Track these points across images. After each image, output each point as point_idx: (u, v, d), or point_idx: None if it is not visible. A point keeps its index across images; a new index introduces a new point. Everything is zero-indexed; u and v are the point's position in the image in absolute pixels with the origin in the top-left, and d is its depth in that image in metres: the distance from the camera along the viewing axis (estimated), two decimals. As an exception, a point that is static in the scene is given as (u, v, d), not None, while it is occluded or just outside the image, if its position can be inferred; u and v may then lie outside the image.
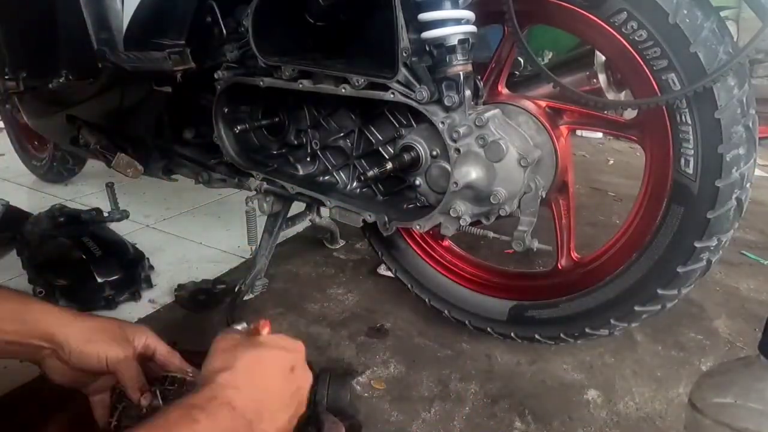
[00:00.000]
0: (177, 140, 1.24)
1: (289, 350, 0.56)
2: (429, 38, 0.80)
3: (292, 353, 0.56)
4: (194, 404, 0.46)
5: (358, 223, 1.00)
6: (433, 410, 0.93)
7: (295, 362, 0.56)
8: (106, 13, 1.03)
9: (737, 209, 0.82)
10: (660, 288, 0.87)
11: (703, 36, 0.75)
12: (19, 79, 1.31)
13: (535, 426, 0.90)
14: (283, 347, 0.56)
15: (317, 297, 1.29)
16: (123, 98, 1.14)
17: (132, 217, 1.52)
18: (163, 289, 1.31)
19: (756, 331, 1.17)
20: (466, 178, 0.84)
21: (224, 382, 0.49)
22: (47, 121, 1.43)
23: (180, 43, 1.02)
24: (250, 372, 0.51)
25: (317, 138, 1.08)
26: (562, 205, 1.00)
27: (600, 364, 1.06)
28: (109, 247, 1.28)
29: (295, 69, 0.96)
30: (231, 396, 0.48)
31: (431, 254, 1.15)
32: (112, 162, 1.19)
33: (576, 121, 0.97)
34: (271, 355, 0.54)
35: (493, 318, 1.06)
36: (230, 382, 0.49)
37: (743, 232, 1.73)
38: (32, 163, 2.14)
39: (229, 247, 1.56)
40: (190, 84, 1.07)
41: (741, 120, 0.77)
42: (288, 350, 0.56)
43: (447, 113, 0.84)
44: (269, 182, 1.11)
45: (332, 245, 1.57)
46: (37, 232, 1.32)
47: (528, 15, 0.90)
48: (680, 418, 0.90)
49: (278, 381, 0.53)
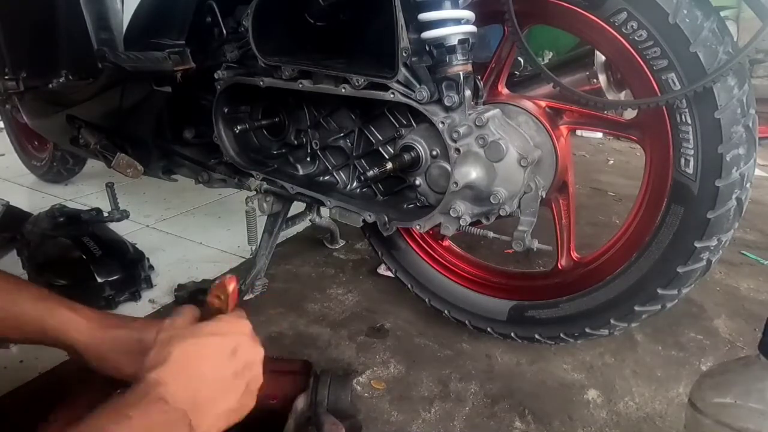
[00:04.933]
0: (177, 140, 1.24)
1: (227, 334, 0.57)
2: (429, 38, 0.80)
3: (230, 336, 0.57)
4: (126, 403, 0.47)
5: (358, 223, 1.00)
6: (433, 410, 0.93)
7: (237, 343, 0.56)
8: (106, 13, 1.03)
9: (737, 209, 0.82)
10: (660, 288, 0.88)
11: (703, 36, 0.75)
12: (19, 79, 1.31)
13: (535, 426, 0.90)
14: (221, 332, 0.56)
15: (317, 297, 1.29)
16: (123, 98, 1.14)
17: (132, 217, 1.52)
18: (163, 289, 1.31)
19: (756, 331, 1.17)
20: (466, 178, 0.84)
21: (156, 378, 0.50)
22: (47, 121, 1.43)
23: (180, 43, 1.02)
24: (183, 364, 0.52)
25: (317, 138, 1.08)
26: (562, 205, 1.00)
27: (600, 364, 1.06)
28: (109, 247, 1.28)
29: (295, 69, 0.96)
30: (162, 392, 0.49)
31: (431, 254, 1.15)
32: (112, 162, 1.19)
33: (576, 121, 0.97)
34: (207, 342, 0.55)
35: (493, 318, 1.06)
36: (161, 378, 0.50)
37: (743, 232, 1.73)
38: (32, 163, 2.14)
39: (229, 247, 1.56)
40: (190, 84, 1.07)
41: (741, 120, 0.77)
42: (226, 334, 0.56)
43: (447, 113, 0.84)
44: (269, 182, 1.11)
45: (332, 245, 1.57)
46: (37, 232, 1.32)
47: (528, 15, 0.90)
48: (680, 418, 0.90)
49: (215, 367, 0.54)
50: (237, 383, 0.55)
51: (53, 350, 0.87)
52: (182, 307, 0.62)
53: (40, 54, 1.24)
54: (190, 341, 0.54)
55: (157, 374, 0.50)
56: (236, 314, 0.61)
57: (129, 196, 1.89)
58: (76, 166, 2.07)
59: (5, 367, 1.00)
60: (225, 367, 0.54)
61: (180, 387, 0.50)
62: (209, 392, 0.52)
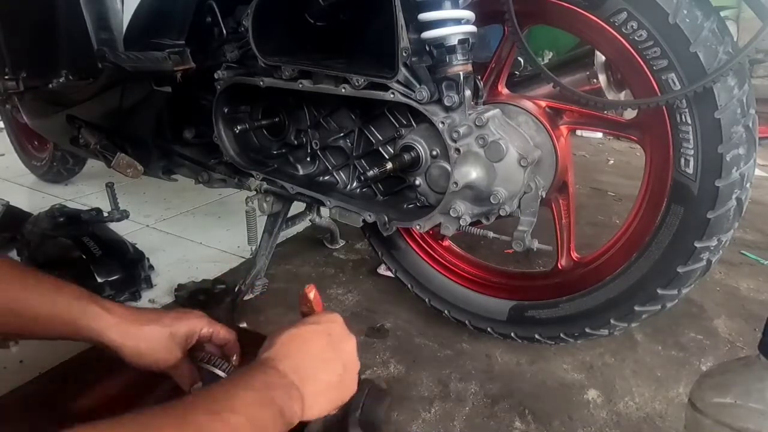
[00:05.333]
0: (177, 140, 1.24)
1: (322, 323, 0.64)
2: (429, 38, 0.80)
3: (325, 324, 0.64)
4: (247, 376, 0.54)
5: (358, 223, 1.00)
6: (433, 410, 0.93)
7: (330, 330, 0.63)
8: (106, 13, 1.03)
9: (737, 209, 0.82)
10: (660, 288, 0.87)
11: (703, 36, 0.75)
12: (19, 79, 1.31)
13: (535, 426, 0.90)
14: (316, 322, 0.64)
15: (317, 297, 1.29)
16: (123, 98, 1.14)
17: (132, 217, 1.52)
18: (163, 289, 1.31)
19: (756, 331, 1.17)
20: (466, 178, 0.84)
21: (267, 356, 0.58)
22: (47, 121, 1.43)
23: (180, 43, 1.02)
24: (288, 345, 0.60)
25: (317, 138, 1.08)
26: (562, 205, 1.00)
27: (600, 364, 1.06)
28: (109, 247, 1.28)
29: (295, 69, 0.96)
30: (276, 364, 0.57)
31: (431, 254, 1.15)
32: (112, 162, 1.19)
33: (576, 121, 0.97)
34: (307, 329, 0.62)
35: (493, 318, 1.06)
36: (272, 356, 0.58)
37: (743, 232, 1.73)
38: (32, 163, 2.14)
39: (229, 247, 1.56)
40: (190, 84, 1.07)
41: (741, 120, 0.77)
42: (321, 323, 0.64)
43: (447, 113, 0.84)
44: (269, 182, 1.11)
45: (332, 245, 1.57)
46: (37, 232, 1.32)
47: (528, 15, 0.90)
48: (680, 418, 0.90)
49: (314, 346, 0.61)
50: (334, 361, 0.62)
51: (53, 350, 0.88)
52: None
53: (40, 54, 1.24)
54: (293, 331, 0.62)
55: (268, 354, 0.58)
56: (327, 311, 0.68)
57: (129, 196, 1.89)
58: (76, 166, 2.07)
59: (5, 367, 1.00)
60: (323, 346, 0.61)
61: (288, 362, 0.57)
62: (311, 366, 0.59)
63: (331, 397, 0.61)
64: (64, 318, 0.64)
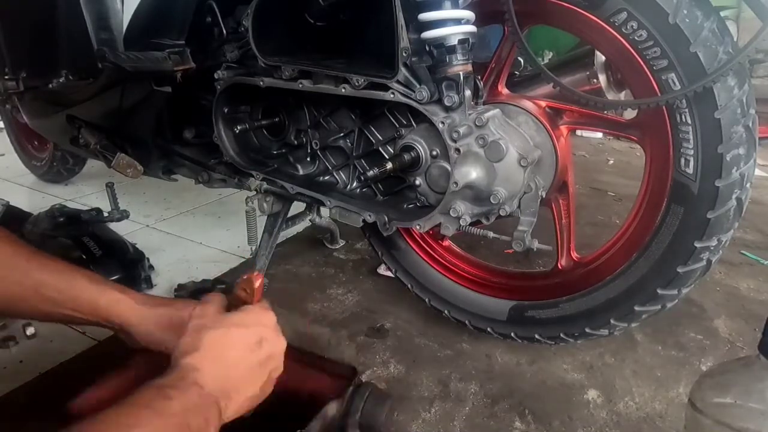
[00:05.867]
0: (177, 140, 1.24)
1: (253, 325, 0.61)
2: (429, 38, 0.80)
3: (255, 327, 0.61)
4: (165, 384, 0.52)
5: (358, 223, 1.00)
6: (433, 410, 0.93)
7: (262, 335, 0.61)
8: (106, 13, 1.03)
9: (737, 209, 0.82)
10: (660, 288, 0.88)
11: (703, 36, 0.75)
12: (19, 79, 1.31)
13: (535, 426, 0.90)
14: (248, 324, 0.61)
15: (317, 297, 1.29)
16: (123, 98, 1.14)
17: (132, 217, 1.52)
18: (163, 289, 1.31)
19: (756, 331, 1.17)
20: (466, 178, 0.84)
21: (191, 364, 0.54)
22: (47, 121, 1.43)
23: (180, 43, 1.02)
24: (214, 352, 0.57)
25: (317, 138, 1.08)
26: (562, 205, 1.00)
27: (600, 364, 1.06)
28: (109, 247, 1.28)
29: (295, 69, 0.96)
30: (196, 377, 0.53)
31: (431, 254, 1.15)
32: (112, 162, 1.19)
33: (576, 121, 0.97)
34: (235, 333, 0.60)
35: (493, 318, 1.06)
36: (195, 364, 0.54)
37: (743, 232, 1.72)
38: (32, 163, 2.14)
39: (229, 247, 1.56)
40: (190, 84, 1.07)
41: (741, 120, 0.77)
42: (252, 326, 0.61)
43: (447, 113, 0.84)
44: (269, 182, 1.11)
45: (332, 245, 1.57)
46: (37, 232, 1.32)
47: (528, 15, 0.89)
48: (680, 418, 0.90)
49: (241, 357, 0.58)
50: (261, 372, 0.60)
51: (53, 350, 0.88)
52: (211, 294, 0.68)
53: (40, 54, 1.24)
54: (220, 331, 0.59)
55: (191, 359, 0.55)
56: (261, 306, 0.66)
57: (129, 196, 1.89)
58: (76, 166, 2.07)
59: (5, 367, 1.00)
60: (251, 356, 0.59)
61: (212, 374, 0.55)
62: (237, 379, 0.57)
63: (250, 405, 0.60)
64: (83, 298, 0.66)
